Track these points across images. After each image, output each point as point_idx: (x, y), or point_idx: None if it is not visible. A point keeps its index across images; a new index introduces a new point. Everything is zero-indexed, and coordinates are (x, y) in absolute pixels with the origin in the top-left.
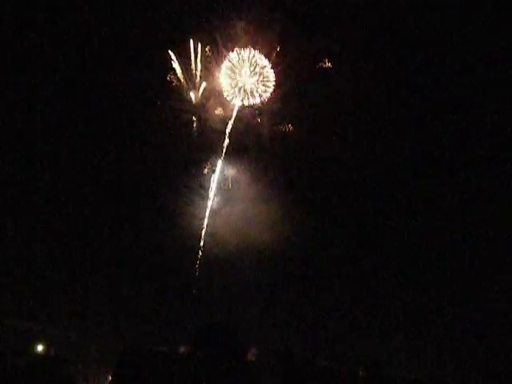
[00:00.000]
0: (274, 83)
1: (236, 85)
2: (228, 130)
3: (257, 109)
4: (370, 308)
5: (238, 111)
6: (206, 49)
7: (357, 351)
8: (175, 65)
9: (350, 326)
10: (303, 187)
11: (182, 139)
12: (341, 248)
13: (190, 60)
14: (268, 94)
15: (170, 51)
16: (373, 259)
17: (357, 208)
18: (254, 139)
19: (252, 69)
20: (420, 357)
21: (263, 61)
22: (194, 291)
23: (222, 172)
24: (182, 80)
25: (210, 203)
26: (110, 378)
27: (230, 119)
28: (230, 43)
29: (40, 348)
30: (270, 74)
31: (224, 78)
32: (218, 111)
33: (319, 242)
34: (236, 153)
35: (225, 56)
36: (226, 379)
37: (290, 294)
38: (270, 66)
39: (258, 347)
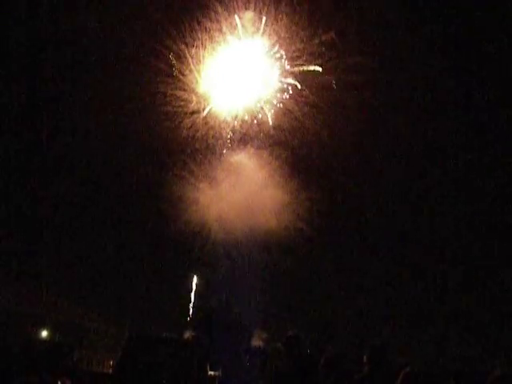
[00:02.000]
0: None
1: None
2: (234, 119)
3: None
4: (377, 293)
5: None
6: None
7: (362, 337)
8: (176, 70)
9: (357, 312)
10: (310, 174)
11: (187, 128)
12: (348, 234)
13: (197, 50)
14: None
15: (170, 56)
16: (378, 246)
17: (363, 196)
18: (259, 127)
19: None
20: (425, 344)
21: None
22: None
23: (228, 159)
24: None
25: (216, 190)
26: (112, 362)
27: (236, 108)
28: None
29: (44, 333)
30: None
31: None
32: (224, 100)
33: (326, 227)
34: (242, 140)
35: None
36: (231, 365)
37: (296, 280)
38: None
39: (268, 332)
